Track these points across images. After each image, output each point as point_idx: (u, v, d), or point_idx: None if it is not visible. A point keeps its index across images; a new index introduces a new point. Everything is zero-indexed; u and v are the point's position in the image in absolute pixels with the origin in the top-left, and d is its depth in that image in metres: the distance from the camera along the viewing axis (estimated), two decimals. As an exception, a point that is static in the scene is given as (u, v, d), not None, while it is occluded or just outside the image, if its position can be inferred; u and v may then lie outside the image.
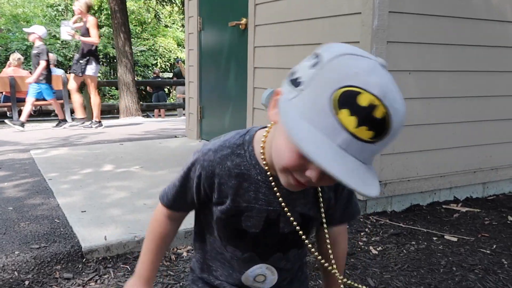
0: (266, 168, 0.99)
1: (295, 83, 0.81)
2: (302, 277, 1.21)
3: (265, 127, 1.02)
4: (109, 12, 11.35)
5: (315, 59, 0.81)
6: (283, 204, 1.01)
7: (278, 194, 1.01)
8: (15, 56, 8.92)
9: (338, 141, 0.75)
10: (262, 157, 0.99)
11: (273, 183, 1.00)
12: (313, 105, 0.77)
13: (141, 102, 10.50)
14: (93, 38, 6.34)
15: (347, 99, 0.74)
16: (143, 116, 10.14)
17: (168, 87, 16.70)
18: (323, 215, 1.07)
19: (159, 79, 14.15)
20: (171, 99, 16.85)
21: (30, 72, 10.47)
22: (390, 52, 2.71)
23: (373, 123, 0.74)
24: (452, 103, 3.03)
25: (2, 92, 8.48)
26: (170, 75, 18.90)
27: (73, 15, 7.02)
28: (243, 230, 1.05)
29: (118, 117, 9.96)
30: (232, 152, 1.02)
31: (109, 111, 11.92)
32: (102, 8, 18.27)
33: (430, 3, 2.81)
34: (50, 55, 9.27)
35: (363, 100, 0.74)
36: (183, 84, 9.78)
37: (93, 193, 3.08)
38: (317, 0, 3.06)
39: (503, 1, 3.09)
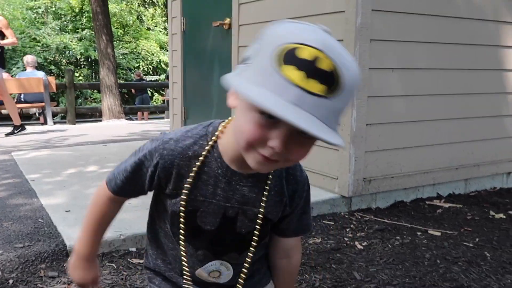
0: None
1: (244, 62, 0.83)
2: (262, 270, 1.17)
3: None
4: (91, 14, 11.27)
5: (259, 37, 0.82)
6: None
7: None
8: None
9: (289, 97, 0.73)
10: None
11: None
12: (259, 69, 0.77)
13: (124, 105, 10.41)
14: (12, 38, 5.87)
15: (288, 55, 0.74)
16: (126, 119, 10.07)
17: (151, 90, 16.61)
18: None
19: (143, 82, 14.05)
20: (154, 102, 16.77)
21: (12, 76, 10.37)
22: (373, 50, 2.74)
23: (322, 76, 0.73)
24: (435, 101, 3.07)
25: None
26: (153, 78, 18.83)
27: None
28: (198, 227, 1.01)
29: (100, 120, 9.88)
30: (195, 142, 0.99)
31: (92, 114, 11.84)
32: (83, 10, 18.12)
33: (412, 2, 2.85)
34: (31, 57, 9.19)
35: (304, 53, 0.73)
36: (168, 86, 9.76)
37: (77, 193, 3.05)
38: (301, 0, 3.08)
39: (483, 0, 3.15)
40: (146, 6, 10.60)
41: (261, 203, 1.01)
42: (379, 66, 2.80)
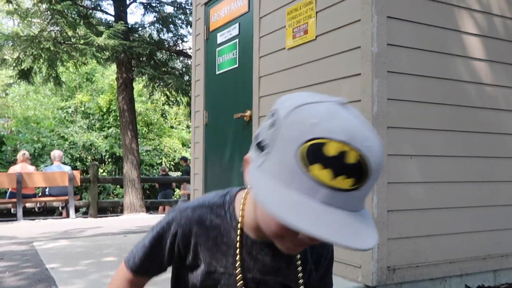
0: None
1: (260, 147, 0.80)
2: None
3: (245, 188, 0.98)
4: (117, 113, 11.77)
5: (272, 117, 0.80)
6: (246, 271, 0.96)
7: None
8: (21, 152, 9.13)
9: (319, 198, 0.71)
10: (241, 220, 0.95)
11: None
12: (283, 167, 0.74)
13: (145, 200, 10.50)
14: None
15: (314, 154, 0.71)
16: (148, 213, 10.10)
17: (172, 187, 16.78)
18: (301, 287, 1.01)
19: (168, 177, 14.15)
20: (175, 197, 16.86)
21: (36, 168, 10.65)
22: (390, 136, 2.79)
23: (350, 170, 0.71)
24: (455, 188, 3.05)
25: (8, 188, 8.52)
26: (175, 174, 19.08)
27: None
28: None
29: (122, 214, 9.94)
30: (211, 211, 0.98)
31: (113, 208, 11.92)
32: (110, 110, 18.94)
33: (426, 91, 2.94)
34: (57, 151, 9.49)
35: (331, 150, 0.71)
36: (189, 181, 9.86)
37: (96, 281, 3.02)
38: (318, 91, 3.20)
39: (495, 91, 3.24)
40: (171, 104, 11.14)
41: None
42: (397, 153, 2.83)
